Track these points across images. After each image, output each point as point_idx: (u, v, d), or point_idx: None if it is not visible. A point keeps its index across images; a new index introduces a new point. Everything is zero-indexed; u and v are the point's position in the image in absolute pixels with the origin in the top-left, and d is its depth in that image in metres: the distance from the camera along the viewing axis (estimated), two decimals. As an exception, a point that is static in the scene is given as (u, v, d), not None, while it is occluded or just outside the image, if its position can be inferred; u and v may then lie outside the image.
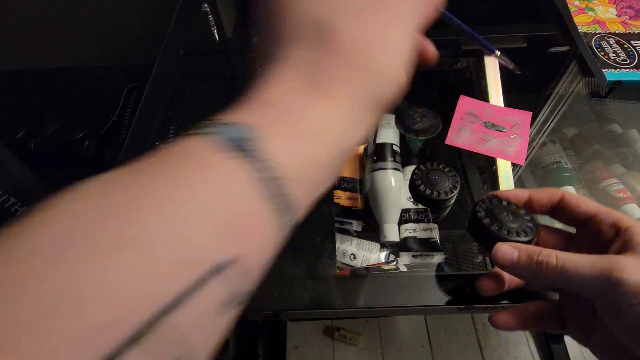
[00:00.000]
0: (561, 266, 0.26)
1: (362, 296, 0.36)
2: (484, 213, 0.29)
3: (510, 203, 0.30)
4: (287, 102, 0.17)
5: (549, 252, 0.27)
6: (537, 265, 0.26)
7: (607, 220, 0.28)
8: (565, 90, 0.58)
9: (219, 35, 0.66)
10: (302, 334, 1.10)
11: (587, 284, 0.25)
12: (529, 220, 0.29)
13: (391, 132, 0.57)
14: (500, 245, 0.28)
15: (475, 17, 0.69)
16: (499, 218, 0.28)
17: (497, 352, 1.06)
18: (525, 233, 0.28)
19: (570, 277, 0.26)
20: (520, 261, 0.27)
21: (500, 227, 0.28)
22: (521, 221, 0.29)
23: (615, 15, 0.61)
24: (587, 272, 0.25)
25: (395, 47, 0.19)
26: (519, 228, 0.28)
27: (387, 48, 0.19)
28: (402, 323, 1.12)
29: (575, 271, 0.25)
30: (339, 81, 0.17)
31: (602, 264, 0.25)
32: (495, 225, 0.28)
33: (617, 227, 0.28)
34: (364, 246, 0.50)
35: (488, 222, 0.28)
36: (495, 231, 0.28)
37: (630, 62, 0.54)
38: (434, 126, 0.55)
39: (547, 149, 0.56)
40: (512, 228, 0.28)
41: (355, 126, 0.18)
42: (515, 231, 0.28)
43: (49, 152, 0.52)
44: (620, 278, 0.24)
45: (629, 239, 0.27)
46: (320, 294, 0.36)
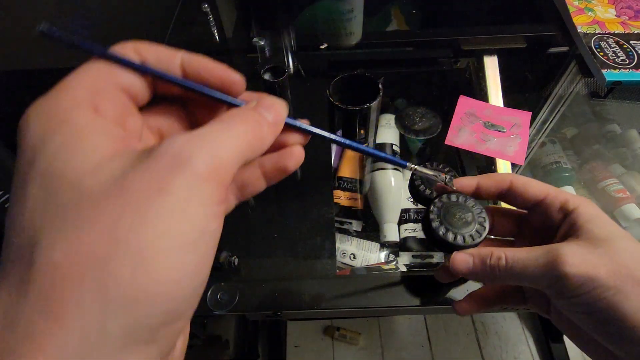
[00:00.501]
0: (510, 266, 0.26)
1: (362, 296, 0.36)
2: (438, 222, 0.29)
3: (459, 197, 0.30)
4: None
5: (498, 253, 0.27)
6: (491, 268, 0.27)
7: (555, 203, 0.28)
8: (564, 91, 0.58)
9: (219, 35, 0.66)
10: (302, 334, 1.10)
11: (535, 280, 0.25)
12: (479, 213, 0.30)
13: (391, 132, 0.57)
14: (456, 255, 0.28)
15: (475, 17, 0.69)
16: (452, 223, 0.29)
17: (497, 351, 1.06)
18: (479, 233, 0.29)
19: (520, 275, 0.26)
20: (476, 267, 0.28)
21: (455, 235, 0.29)
22: (473, 221, 0.29)
23: (614, 16, 0.61)
24: (532, 268, 0.25)
25: (154, 252, 0.14)
26: (472, 229, 0.29)
27: (134, 259, 0.13)
28: (402, 323, 1.12)
29: (523, 269, 0.26)
30: (39, 337, 0.12)
31: (546, 258, 0.25)
32: (449, 233, 0.29)
33: (565, 210, 0.27)
34: (364, 246, 0.50)
35: (443, 232, 0.29)
36: (451, 241, 0.28)
37: (629, 62, 0.54)
38: (434, 126, 0.55)
39: (546, 149, 0.56)
40: (465, 233, 0.29)
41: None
42: (470, 235, 0.29)
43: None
44: (562, 272, 0.24)
45: (573, 222, 0.26)
46: (320, 294, 0.36)
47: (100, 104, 0.16)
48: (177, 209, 0.14)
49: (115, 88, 0.18)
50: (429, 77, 0.65)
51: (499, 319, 1.12)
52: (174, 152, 0.15)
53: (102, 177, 0.14)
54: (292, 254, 0.41)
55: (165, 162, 0.15)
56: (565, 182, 0.53)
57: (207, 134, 0.16)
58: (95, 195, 0.14)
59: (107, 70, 0.18)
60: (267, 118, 0.19)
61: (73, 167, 0.15)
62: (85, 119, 0.16)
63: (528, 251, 0.26)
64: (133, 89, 0.18)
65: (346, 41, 0.62)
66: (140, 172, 0.14)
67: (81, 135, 0.15)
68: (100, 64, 0.18)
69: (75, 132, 0.15)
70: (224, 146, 0.16)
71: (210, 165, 0.15)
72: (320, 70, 0.59)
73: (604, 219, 0.26)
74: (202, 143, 0.15)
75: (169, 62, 0.19)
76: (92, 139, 0.15)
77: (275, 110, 0.20)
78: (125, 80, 0.18)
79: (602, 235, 0.25)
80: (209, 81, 0.19)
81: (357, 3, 0.58)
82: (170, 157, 0.15)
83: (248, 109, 0.19)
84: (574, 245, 0.25)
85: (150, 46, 0.19)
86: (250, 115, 0.18)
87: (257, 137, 0.18)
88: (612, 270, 0.23)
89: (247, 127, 0.17)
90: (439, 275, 0.33)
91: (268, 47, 0.61)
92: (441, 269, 0.31)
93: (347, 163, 0.55)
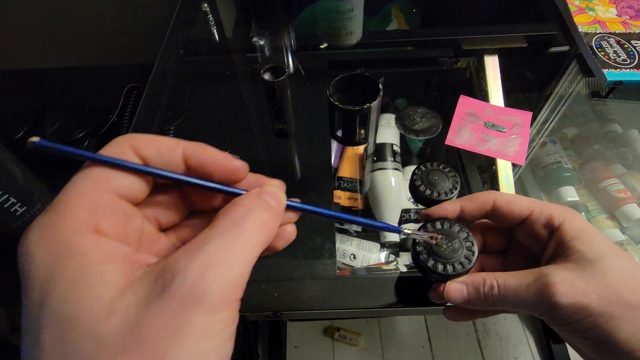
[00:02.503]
0: (503, 295, 0.26)
1: (362, 296, 0.36)
2: (426, 255, 0.29)
3: (444, 223, 0.29)
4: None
5: (491, 281, 0.26)
6: (485, 297, 0.27)
7: (541, 219, 0.27)
8: (565, 90, 0.58)
9: (219, 35, 0.66)
10: (302, 334, 1.10)
11: (528, 309, 0.25)
12: (465, 238, 0.29)
13: (391, 132, 0.57)
14: (450, 285, 0.28)
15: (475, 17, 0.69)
16: (439, 253, 0.28)
17: (497, 352, 1.06)
18: (468, 259, 0.28)
19: (514, 304, 0.26)
20: (471, 297, 0.27)
21: (445, 265, 0.28)
22: (460, 247, 0.28)
23: (615, 15, 0.61)
24: (524, 297, 0.25)
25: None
26: (461, 256, 0.28)
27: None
28: (402, 323, 1.12)
29: (515, 298, 0.25)
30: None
31: (536, 286, 0.24)
32: (439, 264, 0.28)
33: (550, 226, 0.27)
34: (364, 246, 0.50)
35: (433, 264, 0.28)
36: (441, 272, 0.28)
37: (630, 62, 0.54)
38: (434, 126, 0.55)
39: (547, 149, 0.56)
40: (454, 261, 0.28)
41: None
42: (459, 262, 0.28)
43: (49, 152, 0.52)
44: (553, 302, 0.23)
45: (560, 240, 0.26)
46: (320, 294, 0.36)
47: (101, 223, 0.16)
48: (196, 351, 0.14)
49: (114, 197, 0.17)
50: (429, 77, 0.65)
51: (499, 319, 1.12)
52: (187, 289, 0.14)
53: (116, 321, 0.14)
54: (292, 254, 0.41)
55: (179, 300, 0.14)
56: (565, 182, 0.53)
57: (221, 250, 0.16)
58: (112, 347, 0.14)
59: (104, 178, 0.17)
60: (273, 206, 0.19)
61: (87, 310, 0.14)
62: (90, 245, 0.15)
63: (519, 278, 0.26)
64: (133, 192, 0.18)
65: (346, 41, 0.62)
66: (156, 314, 0.14)
67: (89, 269, 0.15)
68: (96, 171, 0.17)
69: (82, 266, 0.15)
70: (240, 260, 0.16)
71: (226, 292, 0.15)
72: (320, 70, 0.59)
73: (591, 234, 0.26)
74: (218, 266, 0.15)
75: (171, 156, 0.19)
76: (101, 273, 0.15)
77: (278, 197, 0.19)
78: (123, 184, 0.18)
79: (590, 255, 0.24)
80: (213, 171, 0.19)
81: (357, 2, 0.58)
82: (184, 295, 0.14)
83: (252, 199, 0.19)
84: (563, 271, 0.24)
85: (150, 141, 0.19)
86: (258, 210, 0.18)
87: (267, 231, 0.18)
88: (603, 295, 0.23)
89: (257, 225, 0.17)
90: (434, 297, 0.32)
91: (268, 46, 0.61)
92: (434, 292, 0.30)
93: (347, 163, 0.55)
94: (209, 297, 0.15)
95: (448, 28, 0.64)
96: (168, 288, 0.15)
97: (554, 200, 0.52)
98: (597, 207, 0.52)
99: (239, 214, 0.17)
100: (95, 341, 0.14)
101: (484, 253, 0.32)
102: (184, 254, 0.16)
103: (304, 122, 0.52)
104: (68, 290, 0.14)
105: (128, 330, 0.14)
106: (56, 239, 0.15)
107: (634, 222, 0.48)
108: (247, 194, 0.19)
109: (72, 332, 0.14)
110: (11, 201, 0.37)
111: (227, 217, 0.17)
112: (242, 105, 0.57)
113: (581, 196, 0.52)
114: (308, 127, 0.52)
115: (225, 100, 0.57)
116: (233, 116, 0.55)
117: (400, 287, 0.37)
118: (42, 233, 0.15)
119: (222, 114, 0.55)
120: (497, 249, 0.32)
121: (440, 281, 0.29)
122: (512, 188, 0.48)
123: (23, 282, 0.15)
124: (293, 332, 1.10)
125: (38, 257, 0.15)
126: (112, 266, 0.15)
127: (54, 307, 0.14)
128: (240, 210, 0.18)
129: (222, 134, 0.53)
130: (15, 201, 0.38)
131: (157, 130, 0.51)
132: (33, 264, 0.15)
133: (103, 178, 0.17)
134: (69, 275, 0.15)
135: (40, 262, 0.15)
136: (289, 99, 0.47)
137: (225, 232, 0.16)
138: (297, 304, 0.36)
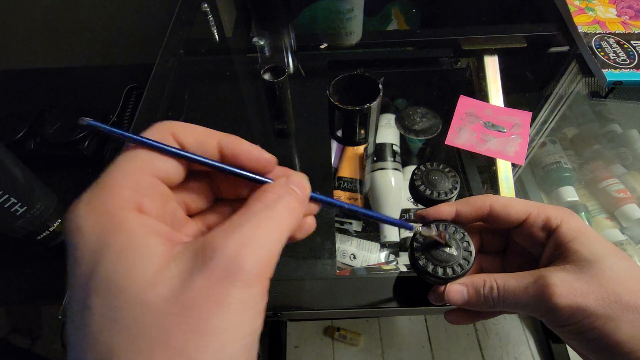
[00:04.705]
0: (502, 296, 0.26)
1: (362, 296, 0.36)
2: (424, 259, 0.28)
3: (439, 225, 0.29)
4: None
5: (490, 282, 0.27)
6: (485, 298, 0.27)
7: (538, 222, 0.27)
8: (565, 90, 0.58)
9: (219, 35, 0.66)
10: (302, 334, 1.10)
11: (528, 310, 0.25)
12: (461, 238, 0.29)
13: (391, 132, 0.57)
14: (450, 287, 0.28)
15: (475, 17, 0.69)
16: (437, 256, 0.28)
17: (497, 352, 1.06)
18: (467, 260, 0.28)
19: (513, 305, 0.26)
20: (471, 298, 0.27)
21: (444, 268, 0.28)
22: (458, 249, 0.28)
23: (615, 16, 0.61)
24: (523, 298, 0.25)
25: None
26: (459, 258, 0.28)
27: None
28: (402, 323, 1.12)
29: (515, 299, 0.25)
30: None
31: (535, 288, 0.25)
32: (438, 268, 0.28)
33: (548, 228, 0.27)
34: (364, 246, 0.50)
35: (432, 268, 0.28)
36: (440, 275, 0.28)
37: (630, 62, 0.54)
38: (434, 126, 0.55)
39: (547, 149, 0.56)
40: (453, 263, 0.28)
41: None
42: (458, 264, 0.28)
43: (49, 152, 0.52)
44: (552, 304, 0.23)
45: (558, 242, 0.26)
46: (320, 294, 0.36)
47: (144, 202, 0.18)
48: (233, 321, 0.15)
49: (155, 179, 0.19)
50: (429, 77, 0.65)
51: (499, 319, 1.12)
52: (226, 262, 0.16)
53: (162, 290, 0.15)
54: (292, 254, 0.41)
55: (219, 273, 0.15)
56: (565, 182, 0.53)
57: (255, 230, 0.17)
58: (159, 313, 0.15)
59: (147, 160, 0.18)
60: (299, 194, 0.20)
61: (134, 279, 0.15)
62: (135, 222, 0.16)
63: (518, 279, 0.26)
64: (170, 175, 0.19)
65: (346, 41, 0.62)
66: (198, 285, 0.15)
67: (135, 242, 0.16)
68: (140, 154, 0.18)
69: (129, 239, 0.16)
70: (271, 240, 0.17)
71: (260, 268, 0.16)
72: (320, 70, 0.59)
73: (589, 235, 0.26)
74: (252, 244, 0.16)
75: (207, 145, 0.20)
76: (146, 246, 0.16)
77: (304, 186, 0.21)
78: (163, 167, 0.19)
79: (588, 256, 0.24)
80: (246, 161, 0.21)
81: (357, 2, 0.58)
82: (223, 269, 0.15)
83: (281, 187, 0.20)
84: (561, 272, 0.24)
85: (189, 129, 0.20)
86: (287, 197, 0.19)
87: (295, 217, 0.19)
88: (601, 296, 0.23)
89: (287, 211, 0.19)
90: (433, 299, 0.32)
91: (268, 47, 0.61)
92: (434, 294, 0.30)
93: (347, 163, 0.55)
94: (245, 272, 0.16)
95: (448, 28, 0.64)
96: (209, 262, 0.16)
97: (553, 200, 0.52)
98: (597, 207, 0.52)
99: (271, 200, 0.19)
100: (141, 307, 0.15)
101: (483, 253, 0.32)
102: (222, 232, 0.17)
103: (304, 122, 0.52)
104: (116, 261, 0.15)
105: (172, 298, 0.15)
106: (104, 214, 0.16)
107: (633, 222, 0.48)
108: (276, 182, 0.21)
109: (120, 298, 0.15)
110: (11, 201, 0.37)
111: (259, 202, 0.18)
112: (242, 105, 0.57)
113: (581, 196, 0.52)
114: (308, 127, 0.52)
115: (225, 100, 0.57)
116: (233, 116, 0.55)
117: (400, 287, 0.37)
118: (90, 208, 0.17)
119: (222, 114, 0.56)
120: (496, 249, 0.32)
121: (440, 284, 0.29)
122: (512, 188, 0.48)
123: (71, 252, 0.16)
124: (293, 332, 1.10)
125: (87, 229, 0.16)
126: (155, 240, 0.16)
127: (103, 275, 0.15)
128: (271, 197, 0.19)
129: (222, 134, 0.53)
130: (15, 201, 0.38)
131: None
132: (82, 236, 0.16)
133: (146, 160, 0.18)
134: (117, 247, 0.16)
135: (89, 234, 0.16)
136: (289, 99, 0.47)
137: (258, 214, 0.18)
138: (297, 304, 0.36)
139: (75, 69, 0.71)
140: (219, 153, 0.20)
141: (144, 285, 0.15)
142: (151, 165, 0.18)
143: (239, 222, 0.17)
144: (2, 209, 0.37)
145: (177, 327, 0.15)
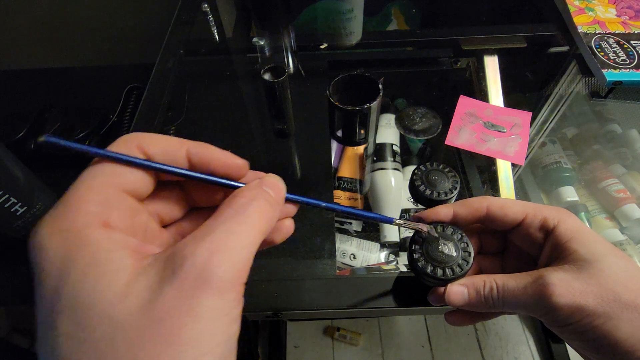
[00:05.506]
0: (502, 296, 0.26)
1: (362, 296, 0.36)
2: (423, 261, 0.29)
3: (437, 226, 0.29)
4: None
5: (490, 282, 0.27)
6: (485, 299, 0.27)
7: (535, 223, 0.27)
8: (565, 91, 0.58)
9: (219, 35, 0.66)
10: (302, 334, 1.10)
11: (527, 310, 0.25)
12: (460, 239, 0.29)
13: (391, 132, 0.57)
14: (450, 288, 0.28)
15: (475, 17, 0.69)
16: (436, 257, 0.28)
17: (497, 352, 1.06)
18: (466, 261, 0.28)
19: (513, 306, 0.26)
20: (472, 299, 0.27)
21: (443, 270, 0.28)
22: (456, 249, 0.28)
23: (615, 16, 0.61)
24: (523, 298, 0.25)
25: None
26: (458, 258, 0.28)
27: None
28: (402, 323, 1.12)
29: (514, 300, 0.25)
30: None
31: (534, 288, 0.25)
32: (437, 269, 0.28)
33: (545, 228, 0.27)
34: (364, 246, 0.50)
35: (431, 269, 0.28)
36: (440, 276, 0.28)
37: (630, 62, 0.54)
38: (434, 126, 0.55)
39: (547, 149, 0.56)
40: (452, 264, 0.28)
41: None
42: (457, 265, 0.28)
43: (49, 152, 0.52)
44: (551, 303, 0.23)
45: (556, 242, 0.26)
46: (320, 294, 0.36)
47: (110, 217, 0.17)
48: (207, 330, 0.15)
49: (121, 193, 0.18)
50: (429, 77, 0.65)
51: (499, 319, 1.12)
52: (197, 270, 0.15)
53: (131, 303, 0.15)
54: (292, 254, 0.41)
55: (190, 282, 0.15)
56: (565, 182, 0.53)
57: (225, 235, 0.16)
58: (129, 328, 0.14)
59: (112, 173, 0.18)
60: (273, 196, 0.20)
61: (101, 295, 0.15)
62: (101, 237, 0.16)
63: (517, 279, 0.26)
64: (138, 187, 0.19)
65: (346, 41, 0.62)
66: (169, 295, 0.15)
67: (101, 258, 0.15)
68: (105, 167, 0.18)
69: (95, 255, 0.15)
70: (243, 245, 0.17)
71: (232, 275, 0.16)
72: (320, 70, 0.59)
73: (586, 234, 0.26)
74: (224, 250, 0.16)
75: (175, 154, 0.20)
76: (113, 260, 0.16)
77: (278, 187, 0.20)
78: (130, 179, 0.18)
79: (587, 255, 0.24)
80: (215, 168, 0.20)
81: (357, 2, 0.58)
82: (194, 277, 0.15)
83: (252, 190, 0.19)
84: (560, 272, 0.24)
85: (155, 140, 0.19)
86: (258, 199, 0.19)
87: (268, 220, 0.19)
88: (600, 295, 0.23)
89: (258, 214, 0.18)
90: (433, 300, 0.32)
91: (268, 47, 0.61)
92: (434, 295, 0.30)
93: (347, 163, 0.55)
94: (218, 280, 0.15)
95: (448, 28, 0.64)
96: (179, 271, 0.15)
97: (553, 200, 0.52)
98: (597, 207, 0.52)
99: (241, 204, 0.18)
100: (111, 323, 0.14)
101: (482, 254, 0.32)
102: (192, 240, 0.16)
103: (304, 122, 0.52)
104: (82, 278, 0.15)
105: (142, 311, 0.14)
106: (68, 231, 0.16)
107: (633, 222, 0.48)
108: (248, 185, 0.20)
109: (88, 317, 0.14)
110: (11, 201, 0.37)
111: (230, 207, 0.18)
112: (242, 105, 0.58)
113: (581, 196, 0.52)
114: (308, 127, 0.52)
115: (225, 100, 0.57)
116: (233, 116, 0.55)
117: (400, 287, 0.37)
118: (54, 226, 0.16)
119: (222, 114, 0.56)
120: (495, 250, 0.32)
121: (439, 285, 0.29)
122: (512, 188, 0.48)
123: (36, 274, 0.16)
124: (293, 332, 1.10)
125: (51, 249, 0.15)
126: (122, 254, 0.16)
127: (70, 294, 0.15)
128: (242, 201, 0.18)
129: (222, 134, 0.53)
130: (15, 201, 0.38)
131: (158, 130, 0.51)
132: (46, 256, 0.15)
133: (112, 174, 0.18)
134: (83, 263, 0.15)
135: (54, 253, 0.15)
136: (289, 99, 0.47)
137: (229, 220, 0.17)
138: (297, 304, 0.36)
139: (75, 69, 0.71)
140: (188, 161, 0.20)
141: (112, 300, 0.15)
142: (117, 178, 0.18)
143: (209, 229, 0.17)
144: (2, 209, 0.37)
145: (149, 340, 0.14)
